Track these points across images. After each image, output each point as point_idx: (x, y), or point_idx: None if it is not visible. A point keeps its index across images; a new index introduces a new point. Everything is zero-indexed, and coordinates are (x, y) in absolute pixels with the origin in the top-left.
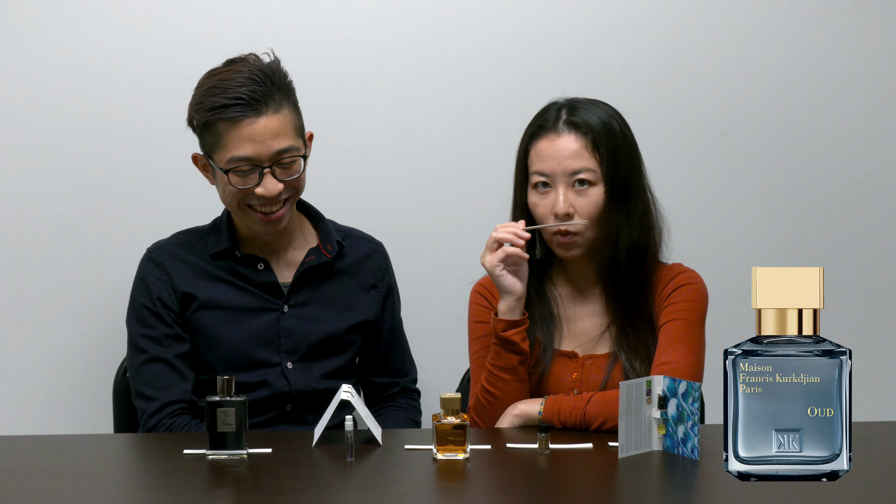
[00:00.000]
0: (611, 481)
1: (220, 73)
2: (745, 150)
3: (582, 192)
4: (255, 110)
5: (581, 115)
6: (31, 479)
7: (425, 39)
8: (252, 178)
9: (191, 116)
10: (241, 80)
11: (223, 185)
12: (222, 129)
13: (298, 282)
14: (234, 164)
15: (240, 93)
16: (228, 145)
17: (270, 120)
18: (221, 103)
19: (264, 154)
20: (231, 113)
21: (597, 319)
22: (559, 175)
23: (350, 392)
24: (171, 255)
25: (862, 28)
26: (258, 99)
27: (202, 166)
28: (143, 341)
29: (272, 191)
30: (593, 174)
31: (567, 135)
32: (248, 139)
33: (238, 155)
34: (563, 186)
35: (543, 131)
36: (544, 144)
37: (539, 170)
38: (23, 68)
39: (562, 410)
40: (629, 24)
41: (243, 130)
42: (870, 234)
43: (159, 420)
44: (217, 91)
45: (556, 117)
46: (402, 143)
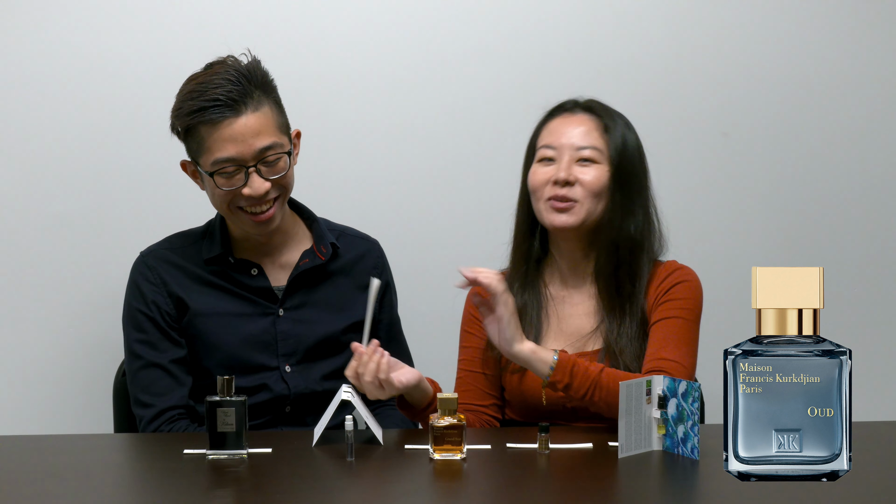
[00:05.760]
0: (611, 481)
1: (198, 77)
2: (745, 150)
3: (585, 166)
4: (233, 110)
5: (599, 105)
6: (31, 479)
7: (422, 38)
8: (238, 178)
9: (173, 123)
10: (217, 82)
11: (211, 188)
12: (203, 132)
13: (293, 285)
14: (218, 165)
15: (217, 94)
16: (211, 148)
17: (250, 118)
18: (200, 106)
19: (247, 153)
20: (210, 115)
21: (588, 318)
22: (566, 147)
23: (350, 392)
24: (164, 260)
25: (862, 28)
26: (235, 99)
27: (191, 172)
28: (138, 346)
29: (259, 190)
30: (599, 153)
31: (580, 115)
32: (229, 139)
33: (221, 156)
34: (568, 158)
35: (559, 111)
36: (557, 122)
37: (547, 143)
38: (23, 68)
39: (576, 366)
40: (629, 24)
41: (224, 131)
42: (870, 234)
43: (157, 427)
44: (195, 95)
45: (573, 103)
46: (399, 143)
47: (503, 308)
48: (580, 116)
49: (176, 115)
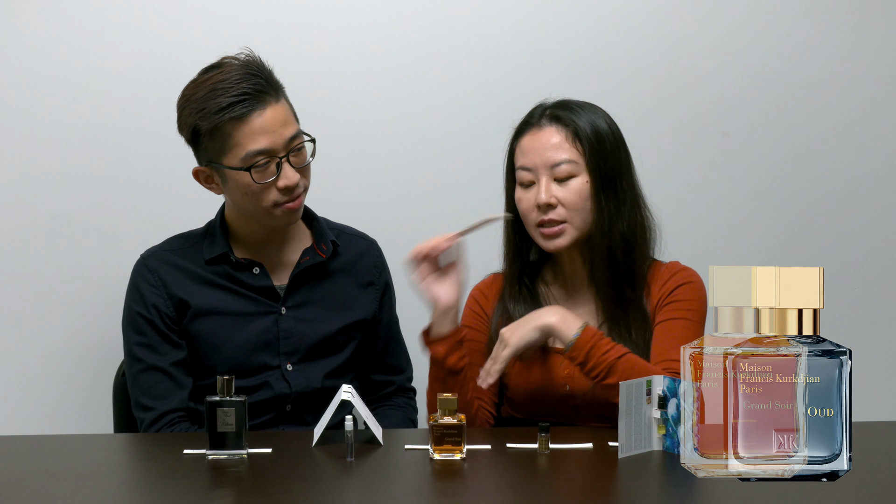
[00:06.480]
0: (611, 481)
1: (209, 78)
2: (745, 150)
3: (565, 184)
4: (260, 103)
5: (564, 110)
6: (31, 479)
7: (422, 38)
8: (270, 170)
9: (194, 126)
10: (237, 77)
11: (242, 186)
12: (230, 128)
13: (294, 283)
14: (251, 160)
15: (243, 88)
16: (242, 142)
17: (276, 109)
18: (228, 102)
19: (279, 143)
20: (240, 109)
21: (590, 318)
22: (541, 167)
23: (350, 392)
24: (164, 262)
25: (862, 28)
26: (261, 90)
27: (205, 179)
28: (138, 349)
29: (293, 179)
30: (575, 165)
31: (548, 128)
32: (260, 132)
33: (254, 149)
34: (546, 178)
35: (527, 127)
36: (527, 139)
37: (522, 164)
38: (23, 68)
39: (594, 347)
40: (629, 24)
41: (255, 124)
42: (870, 234)
43: (158, 430)
44: (218, 93)
45: (539, 114)
46: (399, 143)
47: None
48: (548, 130)
49: (200, 116)
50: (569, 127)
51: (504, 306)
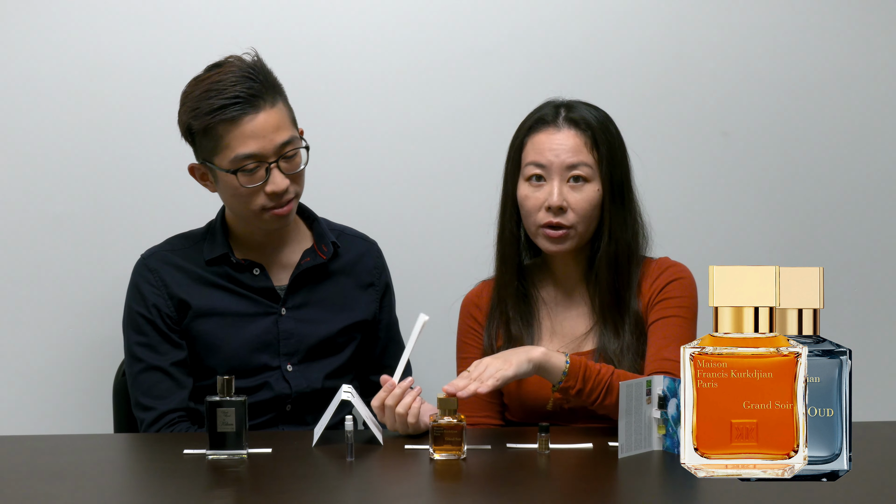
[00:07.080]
0: (611, 481)
1: (209, 77)
2: (745, 150)
3: (577, 187)
4: (253, 107)
5: (580, 112)
6: (31, 479)
7: (421, 38)
8: (259, 175)
9: (187, 124)
10: (234, 80)
11: (230, 188)
12: (222, 130)
13: (295, 284)
14: (239, 163)
15: (236, 91)
16: (231, 145)
17: (269, 114)
18: (220, 104)
19: (269, 148)
20: (231, 112)
21: (583, 320)
22: (556, 168)
23: (350, 392)
24: (165, 262)
25: (862, 28)
26: (255, 94)
27: (200, 176)
28: (139, 349)
29: (281, 186)
30: (590, 170)
31: (567, 130)
32: (250, 136)
33: (243, 153)
34: (559, 180)
35: (542, 125)
36: (542, 137)
37: (535, 161)
38: (23, 68)
39: (588, 369)
40: (629, 24)
41: (245, 128)
42: (870, 234)
43: (158, 430)
44: (212, 94)
45: (555, 113)
46: (399, 143)
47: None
48: (566, 131)
49: (193, 115)
50: (587, 132)
51: (502, 310)
